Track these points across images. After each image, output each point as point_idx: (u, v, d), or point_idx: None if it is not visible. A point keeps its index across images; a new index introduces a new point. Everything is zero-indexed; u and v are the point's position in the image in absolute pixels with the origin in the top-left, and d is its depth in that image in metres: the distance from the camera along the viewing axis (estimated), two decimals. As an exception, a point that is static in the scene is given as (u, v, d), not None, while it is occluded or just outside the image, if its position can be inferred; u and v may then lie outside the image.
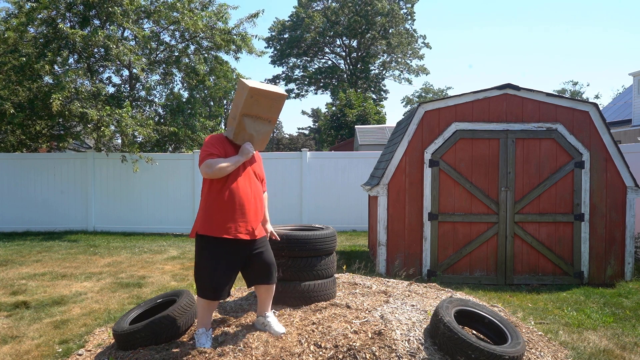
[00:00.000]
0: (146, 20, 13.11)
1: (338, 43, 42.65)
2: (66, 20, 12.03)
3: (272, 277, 3.50)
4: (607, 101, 54.61)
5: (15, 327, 4.72)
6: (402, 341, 3.30)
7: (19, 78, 11.52)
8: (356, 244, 9.65)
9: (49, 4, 11.14)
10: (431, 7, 77.61)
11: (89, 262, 8.05)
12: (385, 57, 42.16)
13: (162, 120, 13.48)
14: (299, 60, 43.08)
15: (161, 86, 14.38)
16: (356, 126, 24.03)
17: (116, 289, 6.27)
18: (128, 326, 3.57)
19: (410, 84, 50.85)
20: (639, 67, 43.23)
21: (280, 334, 3.43)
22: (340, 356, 3.14)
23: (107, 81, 13.85)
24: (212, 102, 21.07)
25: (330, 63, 43.57)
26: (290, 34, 40.75)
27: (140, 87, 13.90)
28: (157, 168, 11.58)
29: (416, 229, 6.70)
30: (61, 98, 10.38)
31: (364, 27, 39.08)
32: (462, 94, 6.64)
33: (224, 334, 3.54)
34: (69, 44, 11.46)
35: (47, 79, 11.88)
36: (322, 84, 43.34)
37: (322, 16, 39.20)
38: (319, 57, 43.58)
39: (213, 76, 14.52)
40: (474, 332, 3.75)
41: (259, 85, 3.36)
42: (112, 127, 11.37)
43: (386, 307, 3.90)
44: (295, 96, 44.27)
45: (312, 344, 3.29)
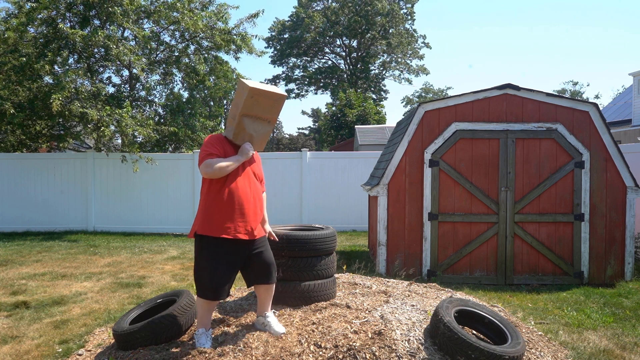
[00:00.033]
0: (146, 20, 13.11)
1: (338, 43, 42.65)
2: (66, 20, 12.04)
3: (272, 276, 3.51)
4: (607, 101, 54.62)
5: (15, 327, 4.72)
6: (402, 341, 3.30)
7: (19, 78, 11.52)
8: (356, 244, 9.65)
9: (49, 4, 11.14)
10: (431, 7, 77.73)
11: (89, 262, 8.05)
12: (385, 57, 42.16)
13: (162, 120, 13.49)
14: (299, 60, 43.08)
15: (161, 86, 14.40)
16: (356, 126, 24.03)
17: (116, 289, 6.27)
18: (128, 326, 3.57)
19: (410, 84, 50.92)
20: (639, 67, 43.27)
21: (280, 334, 3.43)
22: (340, 356, 3.14)
23: (107, 81, 13.87)
24: (212, 102, 21.06)
25: (330, 63, 43.57)
26: (290, 34, 40.74)
27: (140, 87, 13.90)
28: (157, 168, 11.59)
29: (416, 229, 6.70)
30: (61, 98, 10.38)
31: (364, 27, 39.07)
32: (462, 94, 6.64)
33: (224, 334, 3.54)
34: (69, 44, 11.46)
35: (47, 79, 11.88)
36: (322, 84, 43.33)
37: (322, 16, 39.20)
38: (319, 57, 43.58)
39: (213, 76, 14.51)
40: (474, 332, 3.75)
41: (259, 85, 3.36)
42: (112, 127, 11.37)
43: (386, 307, 3.90)
44: (295, 96, 44.27)
45: (312, 344, 3.29)
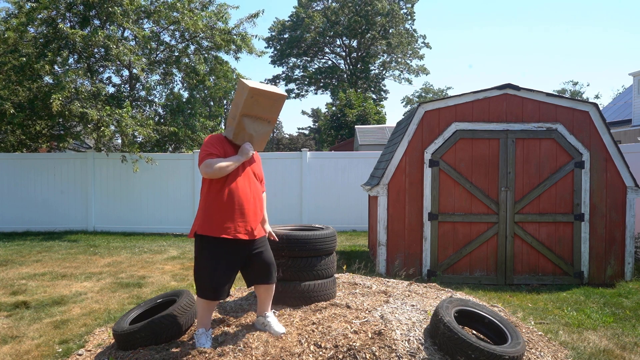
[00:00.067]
0: (146, 20, 13.11)
1: (338, 43, 42.64)
2: (66, 20, 12.04)
3: (272, 276, 3.50)
4: (607, 101, 54.63)
5: (15, 327, 4.72)
6: (402, 341, 3.30)
7: (19, 78, 11.52)
8: (356, 244, 9.65)
9: (49, 4, 11.14)
10: (431, 7, 77.74)
11: (89, 262, 8.05)
12: (385, 57, 42.15)
13: (162, 120, 13.48)
14: (299, 60, 43.07)
15: (161, 86, 14.39)
16: (356, 126, 24.03)
17: (116, 289, 6.27)
18: (128, 326, 3.57)
19: (410, 84, 50.93)
20: (639, 67, 43.27)
21: (280, 334, 3.43)
22: (340, 356, 3.14)
23: (107, 81, 13.86)
24: (212, 102, 21.07)
25: (330, 63, 43.57)
26: (290, 34, 40.74)
27: (140, 87, 13.89)
28: (157, 168, 11.59)
29: (416, 229, 6.70)
30: (61, 98, 10.38)
31: (364, 27, 39.07)
32: (462, 94, 6.64)
33: (224, 334, 3.54)
34: (69, 44, 11.46)
35: (47, 79, 11.89)
36: (322, 84, 43.33)
37: (322, 16, 39.20)
38: (319, 57, 43.57)
39: (213, 76, 14.51)
40: (474, 332, 3.75)
41: (259, 85, 3.37)
42: (112, 127, 11.37)
43: (386, 307, 3.90)
44: (295, 96, 44.26)
45: (312, 344, 3.29)
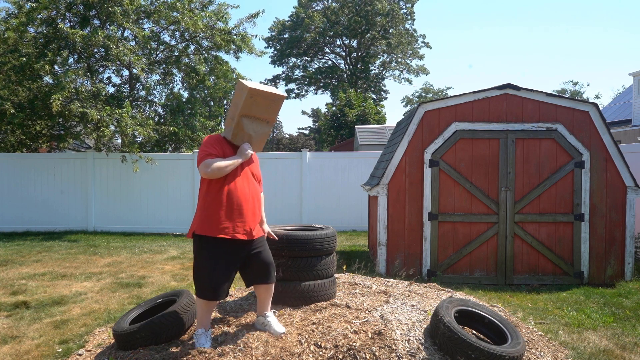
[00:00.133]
0: (146, 20, 13.11)
1: (338, 43, 42.65)
2: (66, 20, 12.04)
3: (271, 276, 3.51)
4: (607, 101, 54.61)
5: (15, 327, 4.72)
6: (402, 341, 3.30)
7: (19, 78, 11.52)
8: (356, 244, 9.65)
9: (49, 4, 11.14)
10: (431, 7, 77.73)
11: (89, 262, 8.05)
12: (385, 57, 42.16)
13: (162, 120, 13.49)
14: (299, 60, 43.07)
15: (161, 86, 14.39)
16: (356, 126, 24.03)
17: (116, 289, 6.27)
18: (128, 326, 3.57)
19: (410, 84, 50.95)
20: (639, 67, 43.27)
21: (280, 334, 3.43)
22: (340, 356, 3.14)
23: (107, 81, 13.86)
24: (212, 102, 21.06)
25: (330, 63, 43.57)
26: (290, 34, 40.73)
27: (140, 87, 13.90)
28: (157, 168, 11.59)
29: (416, 229, 6.70)
30: (61, 98, 10.38)
31: (364, 27, 39.07)
32: (462, 94, 6.64)
33: (224, 334, 3.54)
34: (69, 44, 11.46)
35: (47, 79, 11.88)
36: (322, 84, 43.33)
37: (322, 16, 39.20)
38: (319, 57, 43.57)
39: (213, 76, 14.51)
40: (474, 332, 3.75)
41: (258, 86, 3.37)
42: (112, 127, 11.37)
43: (386, 307, 3.90)
44: (295, 96, 44.26)
45: (312, 344, 3.29)
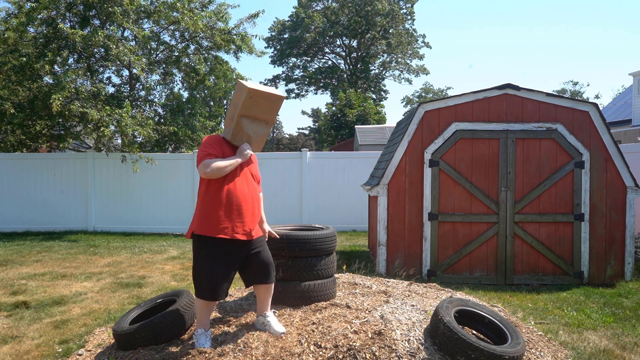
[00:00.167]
0: (146, 20, 13.11)
1: (338, 43, 42.64)
2: (66, 20, 12.03)
3: (271, 276, 3.50)
4: (607, 101, 54.60)
5: (15, 327, 4.72)
6: (402, 341, 3.30)
7: (19, 78, 11.52)
8: (356, 244, 9.65)
9: (49, 4, 11.14)
10: (431, 7, 77.76)
11: (89, 262, 8.05)
12: (385, 57, 42.16)
13: (162, 120, 13.48)
14: (299, 60, 43.07)
15: (161, 86, 14.39)
16: (356, 126, 24.03)
17: (116, 289, 6.27)
18: (128, 326, 3.57)
19: (410, 84, 50.98)
20: (639, 67, 43.27)
21: (280, 333, 3.43)
22: (340, 356, 3.14)
23: (107, 81, 13.85)
24: (212, 102, 21.08)
25: (330, 63, 43.57)
26: (290, 34, 40.73)
27: (140, 87, 13.89)
28: (157, 168, 11.59)
29: (416, 229, 6.70)
30: (61, 98, 10.38)
31: (364, 27, 39.07)
32: (462, 94, 6.64)
33: (224, 334, 3.54)
34: (69, 44, 11.46)
35: (47, 79, 11.88)
36: (322, 84, 43.32)
37: (322, 16, 39.20)
38: (319, 57, 43.57)
39: (213, 76, 14.51)
40: (474, 332, 3.75)
41: (257, 86, 3.38)
42: (112, 127, 11.37)
43: (386, 307, 3.90)
44: (295, 96, 44.26)
45: (312, 344, 3.29)
